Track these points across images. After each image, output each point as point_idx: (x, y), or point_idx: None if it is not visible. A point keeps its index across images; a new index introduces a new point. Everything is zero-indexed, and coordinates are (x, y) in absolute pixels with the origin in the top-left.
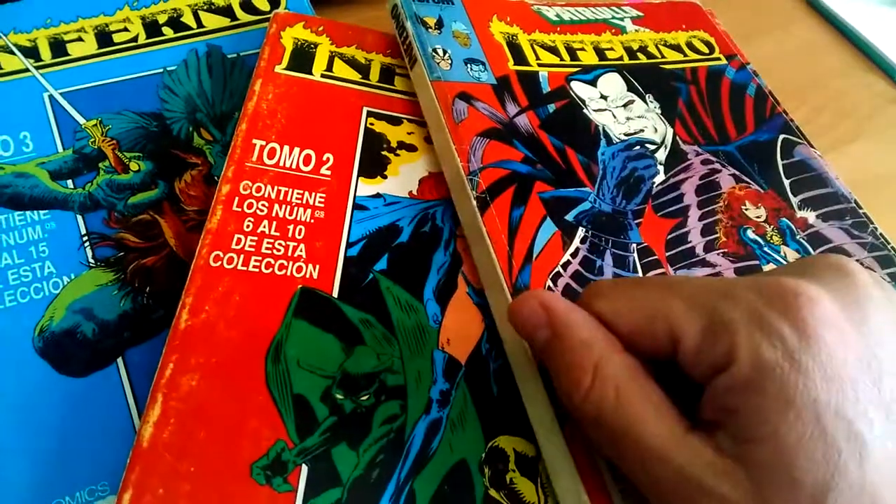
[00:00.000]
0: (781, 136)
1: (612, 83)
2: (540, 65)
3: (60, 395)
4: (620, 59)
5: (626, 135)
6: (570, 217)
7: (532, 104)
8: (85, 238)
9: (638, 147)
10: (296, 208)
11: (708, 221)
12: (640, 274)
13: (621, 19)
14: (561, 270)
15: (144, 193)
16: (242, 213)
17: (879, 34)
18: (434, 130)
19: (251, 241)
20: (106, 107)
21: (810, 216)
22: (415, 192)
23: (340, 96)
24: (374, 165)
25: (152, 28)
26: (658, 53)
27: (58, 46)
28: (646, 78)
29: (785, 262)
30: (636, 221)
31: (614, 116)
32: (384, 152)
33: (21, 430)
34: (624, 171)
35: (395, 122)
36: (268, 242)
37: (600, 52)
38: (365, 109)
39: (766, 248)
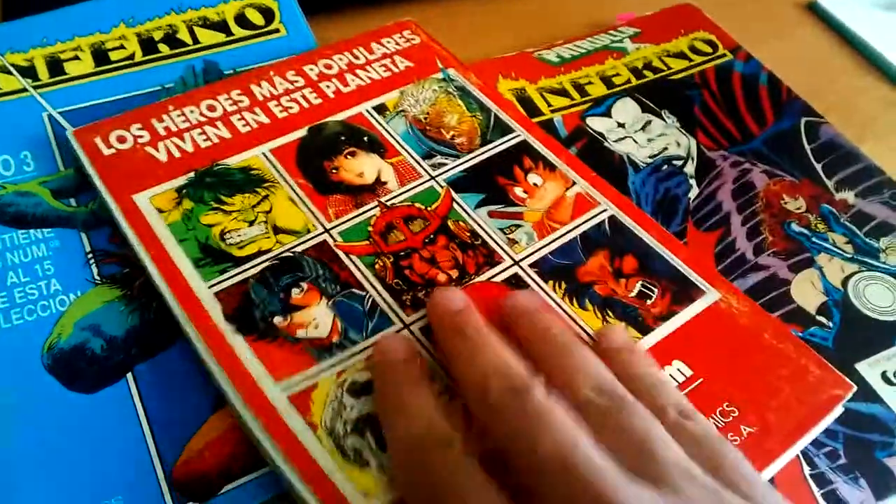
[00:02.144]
0: (804, 120)
1: (626, 109)
2: (553, 111)
3: (71, 411)
4: (628, 81)
5: (650, 157)
6: None
7: None
8: (90, 255)
9: (666, 166)
10: None
11: (751, 224)
12: None
13: (620, 41)
14: None
15: None
16: None
17: (882, 39)
18: None
19: None
20: None
21: (849, 196)
22: None
23: None
24: None
25: (148, 45)
26: (663, 66)
27: (55, 65)
28: (657, 94)
29: (835, 249)
30: (682, 242)
31: (635, 142)
32: None
33: (32, 448)
34: (657, 194)
35: None
36: None
37: (608, 81)
38: None
39: (814, 239)
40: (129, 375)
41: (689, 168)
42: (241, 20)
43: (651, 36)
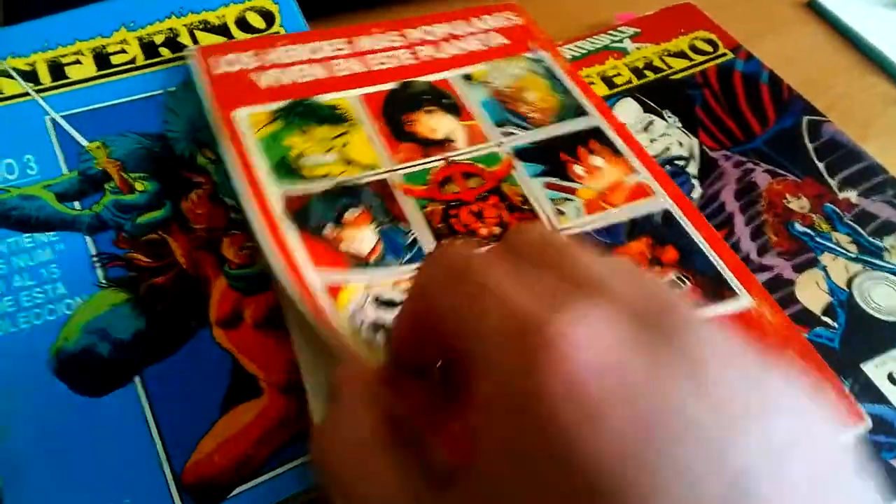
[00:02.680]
0: (805, 118)
1: (628, 109)
2: None
3: (79, 414)
4: (629, 81)
5: (653, 157)
6: None
7: None
8: (95, 258)
9: (668, 167)
10: None
11: (755, 224)
12: None
13: (620, 41)
14: None
15: (151, 213)
16: None
17: (881, 36)
18: None
19: None
20: (108, 129)
21: (852, 195)
22: None
23: None
24: None
25: (150, 49)
26: (664, 65)
27: (56, 69)
28: (658, 94)
29: (839, 249)
30: None
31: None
32: None
33: (41, 451)
34: None
35: None
36: None
37: (609, 81)
38: None
39: (817, 239)
40: (137, 378)
41: (692, 168)
42: (242, 24)
43: (651, 36)
